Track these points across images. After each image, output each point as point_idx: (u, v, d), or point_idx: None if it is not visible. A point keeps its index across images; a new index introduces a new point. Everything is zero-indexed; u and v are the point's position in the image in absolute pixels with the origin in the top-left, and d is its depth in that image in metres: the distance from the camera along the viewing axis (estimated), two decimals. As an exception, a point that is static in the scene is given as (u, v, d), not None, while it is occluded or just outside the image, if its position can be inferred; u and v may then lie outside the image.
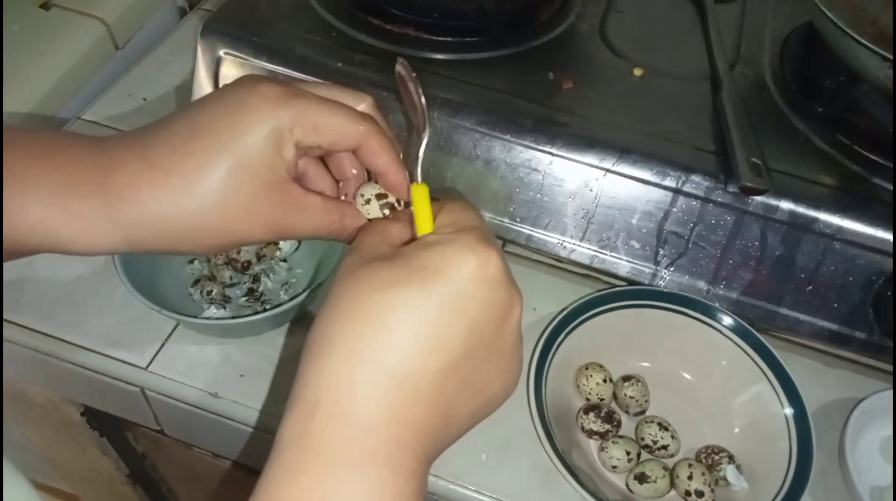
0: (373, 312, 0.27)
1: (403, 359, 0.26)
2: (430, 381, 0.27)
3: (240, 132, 0.31)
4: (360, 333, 0.27)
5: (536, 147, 0.51)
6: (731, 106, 0.52)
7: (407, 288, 0.27)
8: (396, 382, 0.26)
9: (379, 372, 0.26)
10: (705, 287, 0.51)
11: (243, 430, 0.49)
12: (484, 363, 0.28)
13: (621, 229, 0.52)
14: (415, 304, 0.27)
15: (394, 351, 0.26)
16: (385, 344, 0.26)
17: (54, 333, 0.51)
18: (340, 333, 0.27)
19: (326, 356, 0.27)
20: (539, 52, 0.58)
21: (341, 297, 0.28)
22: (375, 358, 0.26)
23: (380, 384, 0.26)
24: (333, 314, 0.28)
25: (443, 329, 0.27)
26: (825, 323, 0.50)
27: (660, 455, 0.46)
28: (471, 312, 0.27)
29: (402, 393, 0.26)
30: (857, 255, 0.48)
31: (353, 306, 0.27)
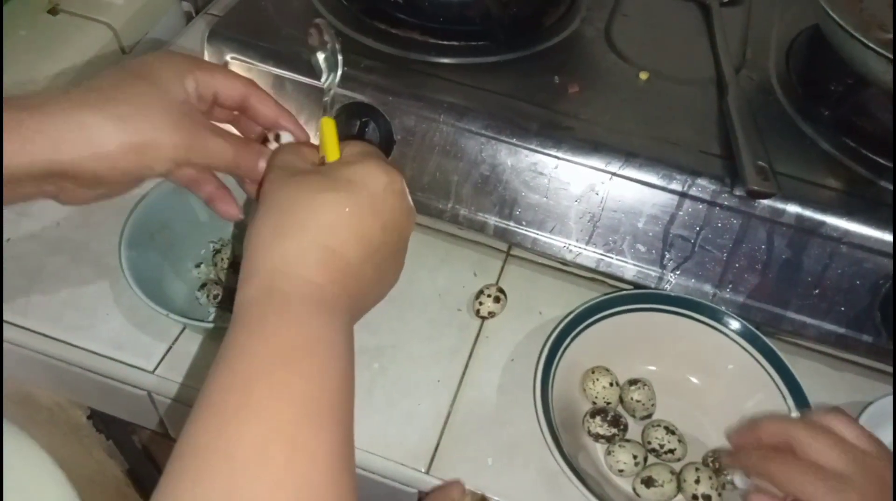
0: (311, 207, 0.34)
1: (340, 242, 0.33)
2: (357, 261, 0.34)
3: (152, 65, 0.39)
4: (302, 222, 0.33)
5: (542, 151, 0.51)
6: (736, 110, 0.52)
7: (337, 192, 0.34)
8: (335, 258, 0.33)
9: (322, 249, 0.33)
10: (711, 291, 0.51)
11: (250, 433, 0.49)
12: (389, 255, 0.36)
13: (627, 232, 0.52)
14: (345, 204, 0.34)
15: (332, 236, 0.33)
16: (326, 230, 0.33)
17: (62, 336, 0.51)
18: (285, 223, 0.33)
19: (280, 237, 0.33)
20: (544, 57, 0.59)
21: (281, 200, 0.34)
22: (319, 239, 0.33)
23: (323, 258, 0.33)
24: (275, 212, 0.34)
25: (366, 225, 0.35)
26: (832, 327, 0.50)
27: (666, 459, 0.46)
28: (385, 215, 0.35)
29: (340, 266, 0.33)
30: (864, 258, 0.48)
31: (293, 205, 0.34)
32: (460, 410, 0.49)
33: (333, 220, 0.34)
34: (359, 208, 0.34)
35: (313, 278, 0.33)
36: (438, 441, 0.48)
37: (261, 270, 0.33)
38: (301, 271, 0.32)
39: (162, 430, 0.56)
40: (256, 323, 0.31)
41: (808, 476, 0.37)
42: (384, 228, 0.35)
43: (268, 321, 0.31)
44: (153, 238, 0.51)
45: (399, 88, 0.54)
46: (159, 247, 0.52)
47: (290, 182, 0.35)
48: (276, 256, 0.33)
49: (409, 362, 0.51)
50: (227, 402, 0.28)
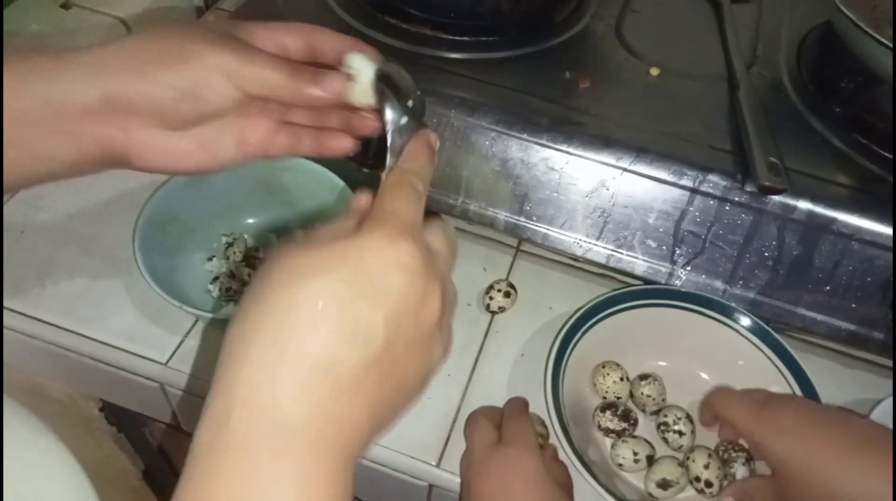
0: (290, 304, 0.26)
1: (323, 352, 0.25)
2: (351, 374, 0.26)
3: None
4: (277, 326, 0.26)
5: (553, 146, 0.52)
6: (748, 106, 0.52)
7: (323, 280, 0.26)
8: (318, 376, 0.25)
9: (299, 366, 0.25)
10: (722, 287, 0.51)
11: (261, 426, 0.49)
12: (404, 354, 0.28)
13: (638, 228, 0.52)
14: (332, 296, 0.26)
15: (313, 344, 0.26)
16: (304, 337, 0.26)
17: (75, 328, 0.51)
18: (257, 329, 0.26)
19: (245, 354, 0.26)
20: (555, 52, 0.59)
21: (257, 290, 0.27)
22: (295, 352, 0.25)
23: (300, 378, 0.25)
24: (248, 310, 0.27)
25: (362, 320, 0.26)
26: (843, 323, 0.50)
27: (672, 440, 0.47)
28: (389, 302, 0.27)
29: (324, 388, 0.25)
30: (876, 255, 0.48)
31: (268, 300, 0.26)
32: (470, 404, 0.49)
33: (311, 318, 0.26)
34: (350, 296, 0.26)
35: (284, 407, 0.25)
36: (449, 434, 0.48)
37: (217, 398, 0.26)
38: (266, 398, 0.25)
39: (174, 423, 0.56)
40: (204, 476, 0.25)
41: (734, 402, 0.45)
42: (388, 320, 0.27)
43: (218, 474, 0.24)
44: (165, 231, 0.52)
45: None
46: (171, 240, 0.52)
47: (276, 263, 0.28)
48: (240, 379, 0.25)
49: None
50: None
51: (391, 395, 0.28)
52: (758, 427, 0.43)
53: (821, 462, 0.40)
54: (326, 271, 0.26)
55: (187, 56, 0.33)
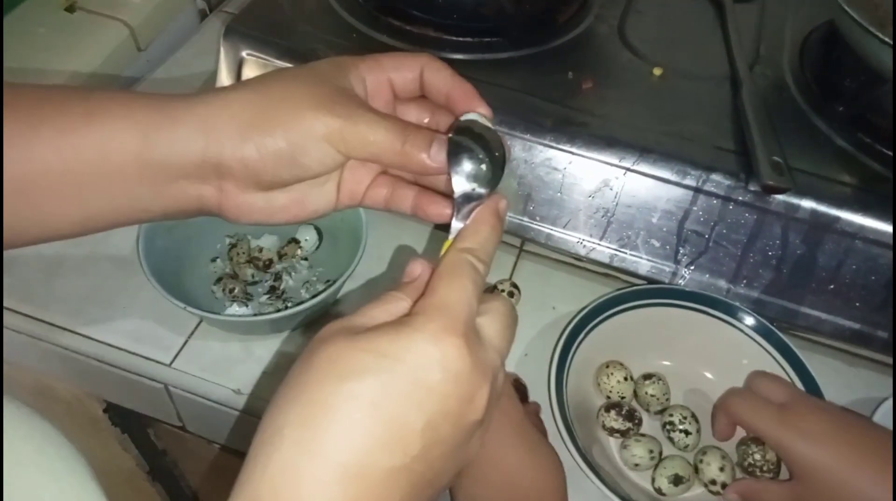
0: (326, 403, 0.25)
1: (355, 456, 0.25)
2: (382, 480, 0.25)
3: (312, 65, 0.34)
4: (310, 425, 0.25)
5: (556, 146, 0.52)
6: (751, 106, 0.52)
7: (363, 381, 0.25)
8: (346, 480, 0.24)
9: (328, 469, 0.24)
10: (726, 286, 0.51)
11: (266, 426, 0.50)
12: (439, 458, 0.27)
13: (641, 227, 0.52)
14: (370, 398, 0.25)
15: (345, 448, 0.25)
16: (336, 440, 0.25)
17: (81, 330, 0.51)
18: (292, 423, 0.25)
19: (275, 448, 0.25)
20: (558, 53, 0.59)
21: (296, 381, 0.26)
22: (325, 454, 0.24)
23: (328, 481, 0.24)
24: (287, 399, 0.26)
25: (398, 426, 0.25)
26: (847, 322, 0.50)
27: (677, 439, 0.47)
28: (429, 407, 0.26)
29: (352, 492, 0.24)
30: (880, 254, 0.48)
31: (304, 395, 0.26)
32: (474, 404, 0.49)
33: (345, 421, 0.25)
34: (388, 402, 0.25)
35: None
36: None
37: (245, 488, 0.25)
38: (294, 496, 0.24)
39: (179, 423, 0.56)
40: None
41: (756, 408, 0.44)
42: (427, 426, 0.26)
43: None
44: (170, 233, 0.52)
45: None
46: (176, 242, 0.52)
47: (319, 353, 0.27)
48: (268, 472, 0.25)
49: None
50: None
51: (420, 495, 0.27)
52: (782, 432, 0.42)
53: (852, 472, 0.40)
54: (366, 373, 0.26)
55: (289, 122, 0.32)
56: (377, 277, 0.55)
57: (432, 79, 0.35)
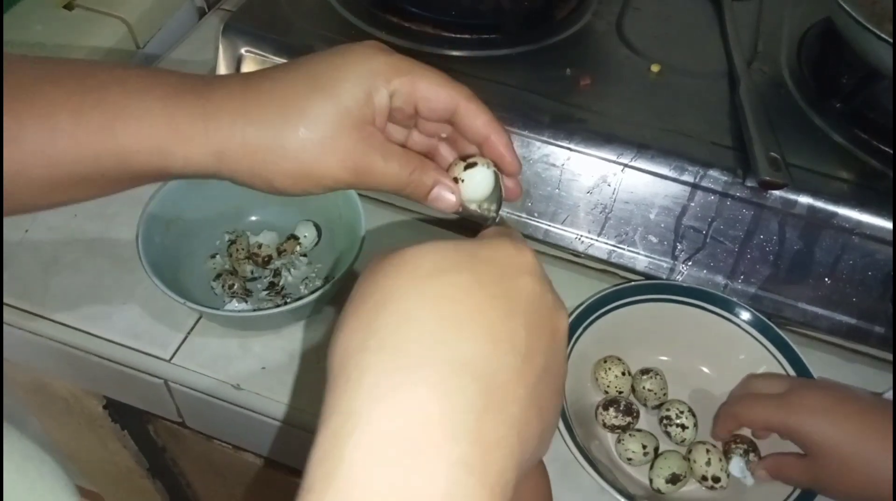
0: (421, 300, 0.22)
1: (468, 354, 0.21)
2: (497, 384, 0.21)
3: (336, 69, 0.33)
4: (408, 329, 0.22)
5: (554, 143, 0.52)
6: (748, 102, 0.52)
7: (459, 274, 0.23)
8: (461, 384, 0.21)
9: (440, 373, 0.21)
10: (723, 282, 0.51)
11: (264, 421, 0.50)
12: (543, 370, 0.24)
13: (639, 223, 0.52)
14: (467, 291, 0.23)
15: (454, 346, 0.21)
16: (442, 338, 0.22)
17: (79, 325, 0.52)
18: (379, 333, 0.22)
19: (371, 354, 0.22)
20: (556, 50, 0.59)
21: (367, 294, 0.24)
22: (433, 357, 0.21)
23: (438, 385, 0.21)
24: (360, 317, 0.23)
25: (502, 321, 0.23)
26: (844, 318, 0.50)
27: (675, 434, 0.47)
28: (526, 307, 0.24)
29: (466, 399, 0.21)
30: (877, 250, 0.48)
31: (391, 302, 0.23)
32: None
33: (451, 316, 0.22)
34: (483, 295, 0.23)
35: (414, 436, 0.20)
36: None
37: (337, 408, 0.21)
38: (404, 402, 0.21)
39: (179, 419, 0.56)
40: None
41: (757, 404, 0.45)
42: (528, 327, 0.23)
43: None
44: (169, 229, 0.52)
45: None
46: (175, 238, 0.52)
47: (388, 261, 0.24)
48: (362, 392, 0.21)
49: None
50: None
51: (534, 421, 0.23)
52: (788, 414, 0.43)
53: (861, 442, 0.41)
54: (458, 267, 0.23)
55: (302, 177, 0.33)
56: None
57: (468, 121, 0.36)
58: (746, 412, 0.46)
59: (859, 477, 0.41)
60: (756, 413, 0.45)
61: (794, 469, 0.44)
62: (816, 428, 0.42)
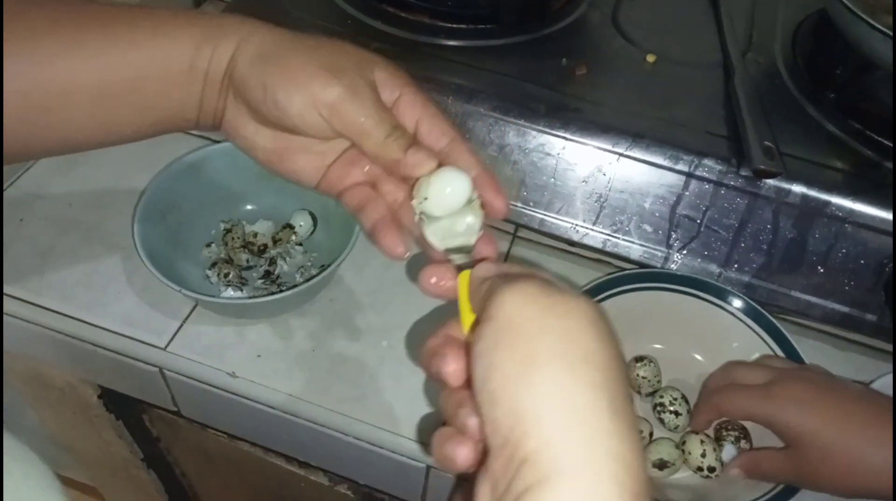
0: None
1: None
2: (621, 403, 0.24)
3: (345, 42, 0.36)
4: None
5: (550, 132, 0.52)
6: (743, 92, 0.53)
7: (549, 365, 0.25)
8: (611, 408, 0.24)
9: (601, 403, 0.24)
10: (717, 270, 0.51)
11: (260, 409, 0.50)
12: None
13: (634, 212, 0.52)
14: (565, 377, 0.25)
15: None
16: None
17: (75, 314, 0.51)
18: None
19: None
20: (552, 40, 0.59)
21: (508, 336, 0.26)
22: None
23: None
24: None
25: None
26: (837, 306, 0.50)
27: (668, 420, 0.47)
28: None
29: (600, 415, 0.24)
30: (869, 238, 0.49)
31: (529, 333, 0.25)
32: (468, 387, 0.50)
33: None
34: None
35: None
36: (447, 417, 0.48)
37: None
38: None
39: (174, 408, 0.56)
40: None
41: (739, 395, 0.45)
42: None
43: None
44: (164, 218, 0.52)
45: (409, 70, 0.54)
46: (170, 227, 0.52)
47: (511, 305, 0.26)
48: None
49: (417, 339, 0.52)
50: None
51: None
52: (770, 404, 0.43)
53: (840, 433, 0.41)
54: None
55: (294, 72, 0.34)
56: (370, 263, 0.55)
57: (429, 125, 0.36)
58: (727, 403, 0.46)
59: (840, 468, 0.41)
60: (738, 404, 0.45)
61: (772, 464, 0.44)
62: (798, 419, 0.42)
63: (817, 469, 0.41)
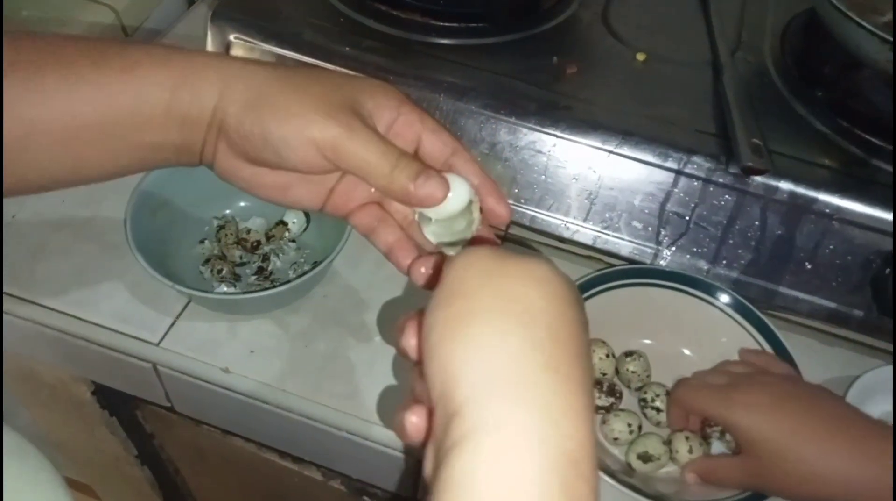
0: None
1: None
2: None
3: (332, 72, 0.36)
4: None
5: (541, 129, 0.52)
6: (732, 90, 0.53)
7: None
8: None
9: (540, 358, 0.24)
10: (706, 267, 0.52)
11: (253, 405, 0.50)
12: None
13: (624, 209, 0.52)
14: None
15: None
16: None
17: (68, 310, 0.52)
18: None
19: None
20: (543, 38, 0.59)
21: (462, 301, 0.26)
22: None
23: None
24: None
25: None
26: (824, 302, 0.51)
27: (651, 416, 0.48)
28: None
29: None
30: (856, 235, 0.49)
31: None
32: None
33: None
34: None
35: None
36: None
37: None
38: None
39: (167, 404, 0.57)
40: None
41: (701, 392, 0.46)
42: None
43: None
44: (157, 214, 0.52)
45: (400, 68, 0.55)
46: (163, 223, 0.53)
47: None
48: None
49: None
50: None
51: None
52: (728, 407, 0.43)
53: (794, 440, 0.41)
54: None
55: (289, 115, 0.33)
56: (364, 259, 0.55)
57: (430, 140, 0.36)
58: (688, 400, 0.46)
59: (792, 476, 0.41)
60: (697, 402, 0.46)
61: (727, 470, 0.44)
62: (751, 423, 0.42)
63: (771, 474, 0.41)
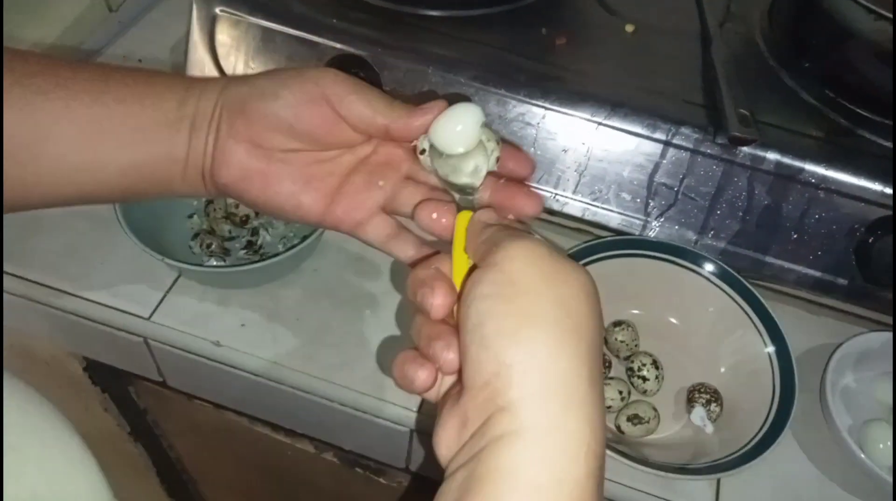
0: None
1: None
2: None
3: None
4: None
5: (530, 101, 0.52)
6: (720, 61, 0.53)
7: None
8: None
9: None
10: (694, 237, 0.52)
11: (244, 377, 0.50)
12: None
13: (613, 181, 0.53)
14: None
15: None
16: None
17: (59, 285, 0.52)
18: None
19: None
20: (532, 10, 0.59)
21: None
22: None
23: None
24: None
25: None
26: (810, 271, 0.51)
27: (637, 385, 0.48)
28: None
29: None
30: (842, 204, 0.50)
31: None
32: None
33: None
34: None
35: None
36: (429, 382, 0.49)
37: None
38: None
39: (159, 378, 0.57)
40: None
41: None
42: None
43: None
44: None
45: (389, 40, 0.54)
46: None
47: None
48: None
49: (403, 308, 0.53)
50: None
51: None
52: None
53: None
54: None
55: (302, 72, 0.35)
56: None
57: (398, 128, 0.36)
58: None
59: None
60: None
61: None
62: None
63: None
